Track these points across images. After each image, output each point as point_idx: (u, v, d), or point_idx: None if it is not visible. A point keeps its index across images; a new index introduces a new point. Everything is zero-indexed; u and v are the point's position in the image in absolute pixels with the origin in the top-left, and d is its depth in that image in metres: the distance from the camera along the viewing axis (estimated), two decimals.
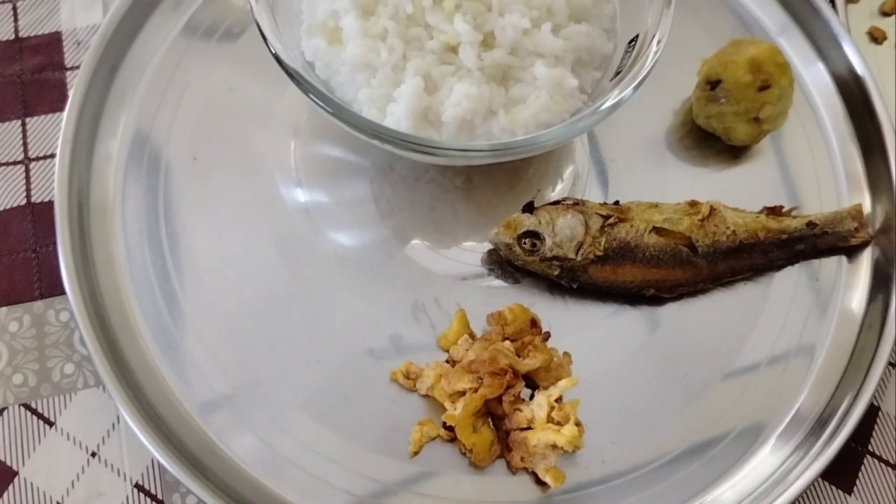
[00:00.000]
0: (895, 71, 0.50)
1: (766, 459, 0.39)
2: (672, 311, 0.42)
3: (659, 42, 0.38)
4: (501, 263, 0.43)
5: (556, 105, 0.40)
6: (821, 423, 0.40)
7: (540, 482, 0.38)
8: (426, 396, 0.39)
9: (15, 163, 0.44)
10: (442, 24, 0.39)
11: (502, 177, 0.46)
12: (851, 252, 0.44)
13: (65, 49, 0.47)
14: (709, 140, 0.46)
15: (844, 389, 0.40)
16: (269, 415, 0.39)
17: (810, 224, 0.43)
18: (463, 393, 0.38)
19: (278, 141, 0.45)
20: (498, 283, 0.43)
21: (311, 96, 0.37)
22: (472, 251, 0.43)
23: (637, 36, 0.40)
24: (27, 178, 0.44)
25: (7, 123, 0.45)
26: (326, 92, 0.37)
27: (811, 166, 0.46)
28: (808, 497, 0.40)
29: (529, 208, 0.42)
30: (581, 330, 0.42)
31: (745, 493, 0.38)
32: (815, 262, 0.44)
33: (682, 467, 0.39)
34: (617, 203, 0.43)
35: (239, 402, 0.39)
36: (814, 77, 0.48)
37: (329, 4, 0.40)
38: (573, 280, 0.41)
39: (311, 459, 0.38)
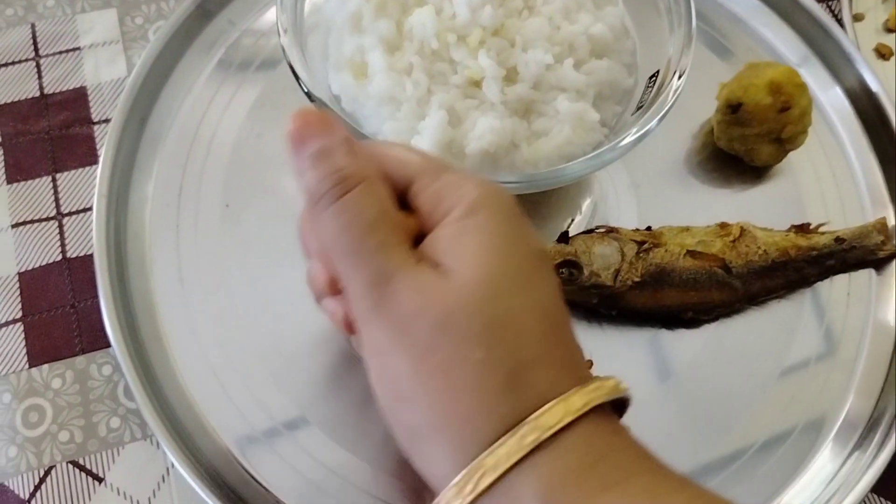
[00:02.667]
0: None
1: (815, 474, 0.40)
2: (709, 333, 0.43)
3: (680, 77, 0.39)
4: None
5: (578, 138, 0.41)
6: (869, 428, 0.40)
7: None
8: None
9: (48, 219, 0.44)
10: (466, 59, 0.40)
11: (522, 208, 0.47)
12: (879, 265, 0.45)
13: (90, 103, 0.48)
14: (730, 162, 0.47)
15: (887, 397, 0.41)
16: (312, 454, 0.39)
17: (838, 239, 0.43)
18: None
19: None
20: None
21: None
22: None
23: (658, 71, 0.41)
24: (61, 233, 0.44)
25: (38, 180, 0.45)
26: (354, 125, 0.38)
27: (832, 182, 0.47)
28: None
29: (564, 238, 0.42)
30: (620, 356, 0.42)
31: None
32: (845, 276, 0.44)
33: (727, 489, 0.39)
34: (649, 228, 0.43)
35: (285, 445, 0.39)
36: (828, 94, 0.49)
37: (356, 40, 0.41)
38: (612, 307, 0.42)
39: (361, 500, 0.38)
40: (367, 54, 0.41)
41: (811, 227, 0.44)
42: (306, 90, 0.38)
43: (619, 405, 0.28)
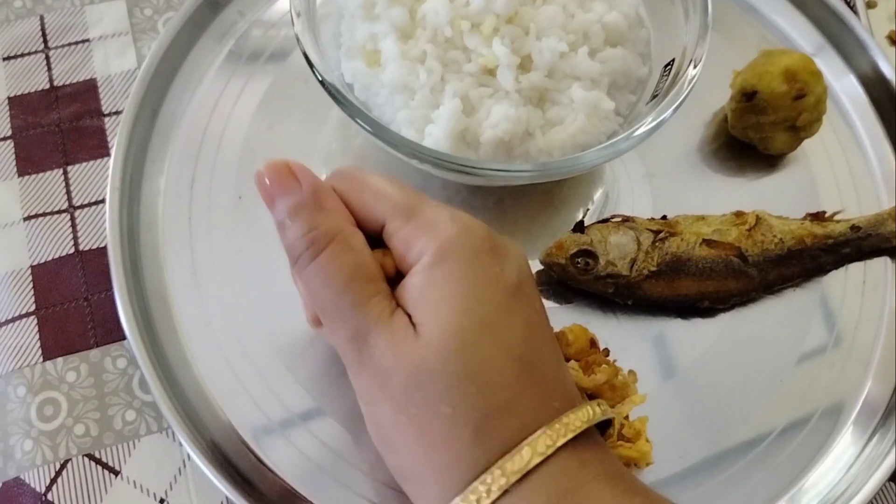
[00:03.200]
0: None
1: (836, 459, 0.40)
2: (725, 322, 0.42)
3: (696, 66, 0.39)
4: (553, 284, 0.43)
5: (592, 127, 0.41)
6: (888, 411, 0.41)
7: None
8: None
9: (60, 212, 0.44)
10: (480, 47, 0.39)
11: (535, 197, 0.47)
12: (894, 253, 0.44)
13: (101, 95, 0.47)
14: (743, 150, 0.47)
15: None
16: (327, 445, 0.39)
17: (854, 227, 0.43)
18: None
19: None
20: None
21: (357, 119, 0.37)
22: None
23: (673, 60, 0.41)
24: (73, 226, 0.44)
25: (49, 173, 0.45)
26: (369, 114, 0.38)
27: (847, 170, 0.47)
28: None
29: (580, 228, 0.42)
30: (635, 346, 0.42)
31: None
32: (861, 264, 0.44)
33: (747, 476, 0.39)
34: (664, 217, 0.43)
35: (300, 435, 0.39)
36: (842, 82, 0.49)
37: (368, 28, 0.41)
38: (628, 297, 0.41)
39: (375, 489, 0.38)
40: (379, 42, 0.40)
41: (826, 215, 0.44)
42: (320, 78, 0.37)
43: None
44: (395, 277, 0.30)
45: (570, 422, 0.27)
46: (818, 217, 0.44)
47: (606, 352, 0.41)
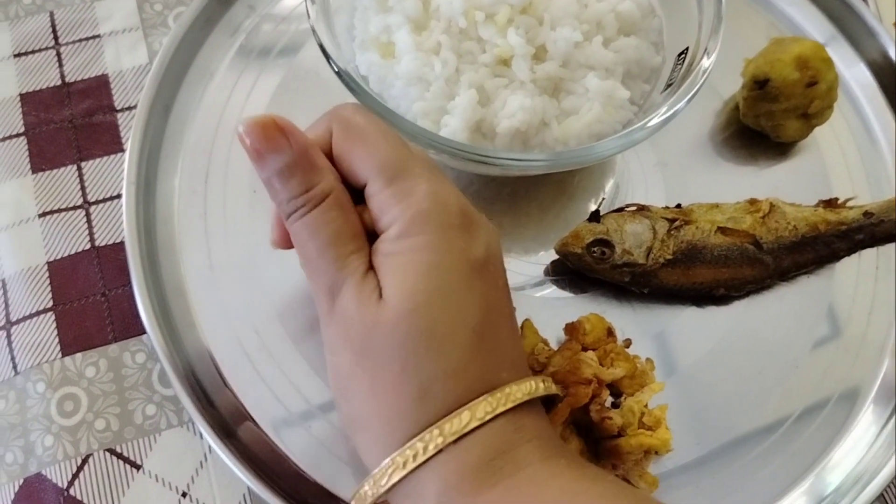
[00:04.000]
0: None
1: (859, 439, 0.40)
2: (741, 309, 0.43)
3: (710, 57, 0.39)
4: (568, 273, 0.43)
5: (608, 116, 0.41)
6: None
7: None
8: None
9: (75, 207, 0.44)
10: (494, 37, 0.40)
11: (548, 188, 0.47)
12: None
13: (113, 91, 0.47)
14: (755, 138, 0.47)
15: None
16: (347, 436, 0.39)
17: (867, 213, 0.43)
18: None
19: None
20: (549, 293, 0.43)
21: (374, 110, 0.37)
22: (529, 262, 0.44)
23: (687, 49, 0.41)
24: (88, 222, 0.44)
25: (63, 169, 0.45)
26: (388, 106, 0.38)
27: (858, 156, 0.47)
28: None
29: (595, 217, 0.42)
30: (652, 335, 0.42)
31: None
32: (874, 250, 0.44)
33: (766, 462, 0.39)
34: (679, 206, 0.43)
35: (320, 427, 0.39)
36: (851, 69, 0.49)
37: (382, 19, 0.41)
38: (644, 285, 0.42)
39: None
40: (393, 33, 0.40)
41: (839, 201, 0.44)
42: (336, 68, 0.37)
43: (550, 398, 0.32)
44: (374, 233, 0.31)
45: (512, 392, 0.29)
46: (831, 204, 0.44)
47: (628, 342, 0.41)
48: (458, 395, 0.28)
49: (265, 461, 0.38)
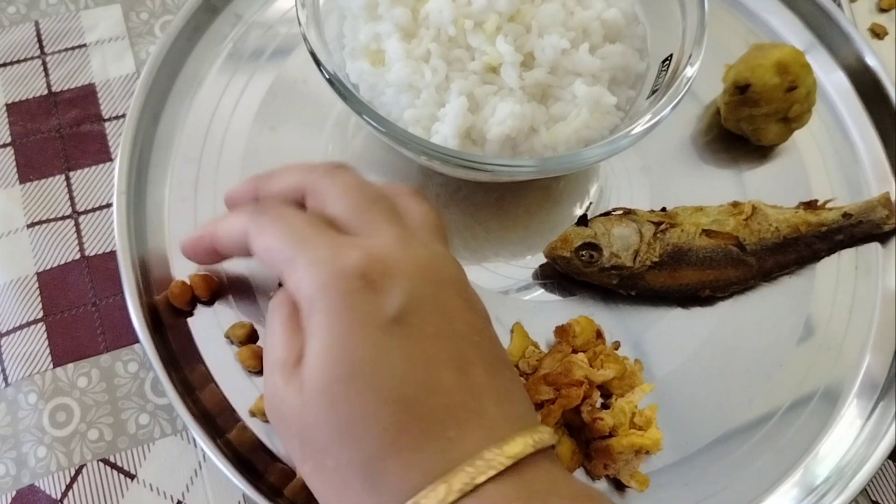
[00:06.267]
0: None
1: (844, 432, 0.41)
2: (725, 310, 0.44)
3: (693, 65, 0.40)
4: (557, 277, 0.44)
5: (595, 122, 0.41)
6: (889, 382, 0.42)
7: (620, 487, 0.39)
8: None
9: (63, 217, 0.44)
10: (483, 45, 0.40)
11: (534, 193, 0.47)
12: (884, 238, 0.46)
13: (100, 100, 0.47)
14: (736, 142, 0.48)
15: None
16: None
17: (846, 215, 0.44)
18: (541, 405, 0.39)
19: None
20: (537, 296, 0.44)
21: (365, 117, 0.38)
22: (517, 266, 0.45)
23: (671, 55, 0.42)
24: (78, 232, 0.44)
25: (51, 179, 0.45)
26: (379, 113, 0.38)
27: (836, 159, 0.48)
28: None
29: (583, 221, 0.43)
30: (640, 336, 0.43)
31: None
32: (853, 250, 0.46)
33: (755, 457, 0.40)
34: (664, 209, 0.44)
35: None
36: (829, 75, 0.51)
37: (371, 28, 0.41)
38: (632, 287, 0.42)
39: None
40: (383, 42, 0.41)
41: (819, 203, 0.45)
42: (327, 75, 0.38)
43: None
44: None
45: (465, 470, 0.26)
46: (811, 205, 0.45)
47: (617, 344, 0.42)
48: (400, 474, 0.26)
49: (260, 468, 0.38)
